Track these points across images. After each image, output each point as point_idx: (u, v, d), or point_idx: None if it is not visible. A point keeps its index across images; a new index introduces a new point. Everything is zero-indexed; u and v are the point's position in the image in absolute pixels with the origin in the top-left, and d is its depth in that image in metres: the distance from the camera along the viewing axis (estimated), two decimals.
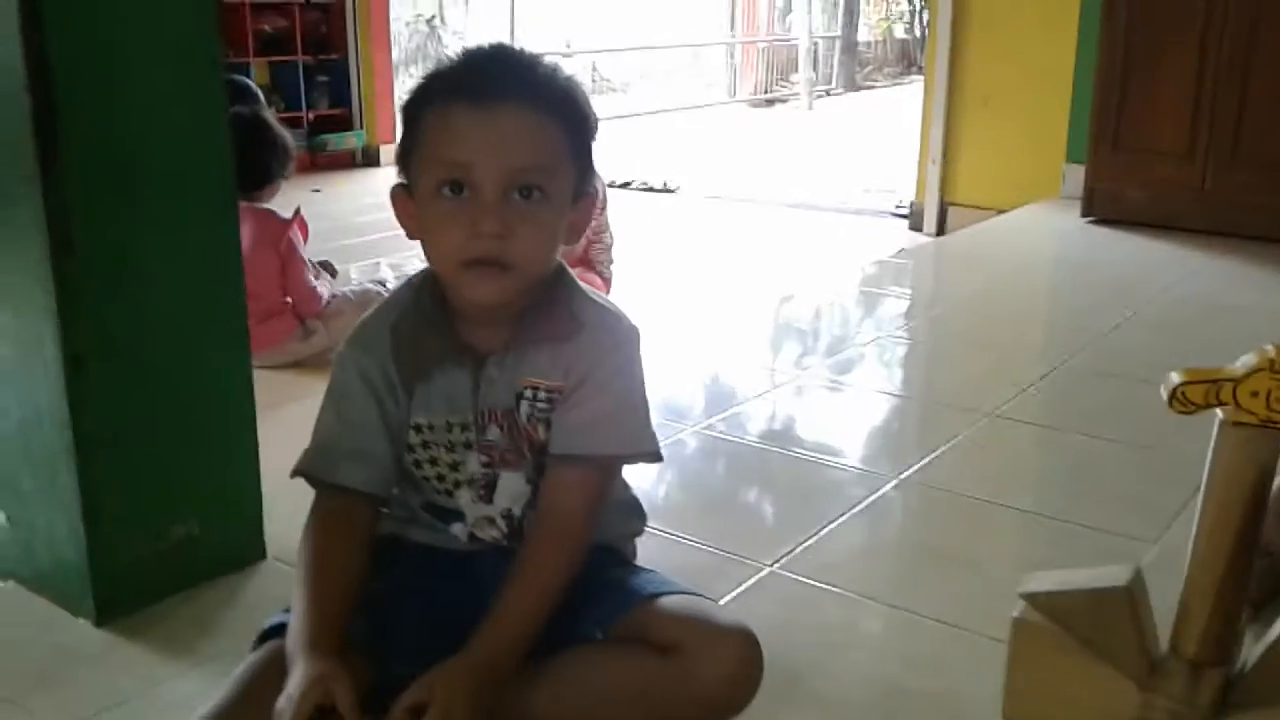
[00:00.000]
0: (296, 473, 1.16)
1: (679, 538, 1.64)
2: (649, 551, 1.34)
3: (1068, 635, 0.79)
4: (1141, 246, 3.72)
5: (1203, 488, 0.76)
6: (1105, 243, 3.80)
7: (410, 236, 1.12)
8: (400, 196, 1.12)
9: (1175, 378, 0.74)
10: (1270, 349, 0.72)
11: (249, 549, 1.52)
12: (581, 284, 1.18)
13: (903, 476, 1.88)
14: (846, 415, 2.30)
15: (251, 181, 2.95)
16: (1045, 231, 4.05)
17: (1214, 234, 3.74)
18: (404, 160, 1.11)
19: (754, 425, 2.17)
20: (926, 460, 1.95)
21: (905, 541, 1.73)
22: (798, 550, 1.61)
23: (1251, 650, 0.78)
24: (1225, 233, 3.73)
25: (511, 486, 1.16)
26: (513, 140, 1.05)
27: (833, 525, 1.69)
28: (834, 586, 1.51)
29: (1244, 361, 0.73)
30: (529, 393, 1.13)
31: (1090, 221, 4.00)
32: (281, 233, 2.95)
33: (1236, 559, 0.77)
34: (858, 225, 5.35)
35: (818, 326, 2.99)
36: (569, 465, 1.12)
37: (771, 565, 1.56)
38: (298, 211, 3.07)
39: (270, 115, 3.24)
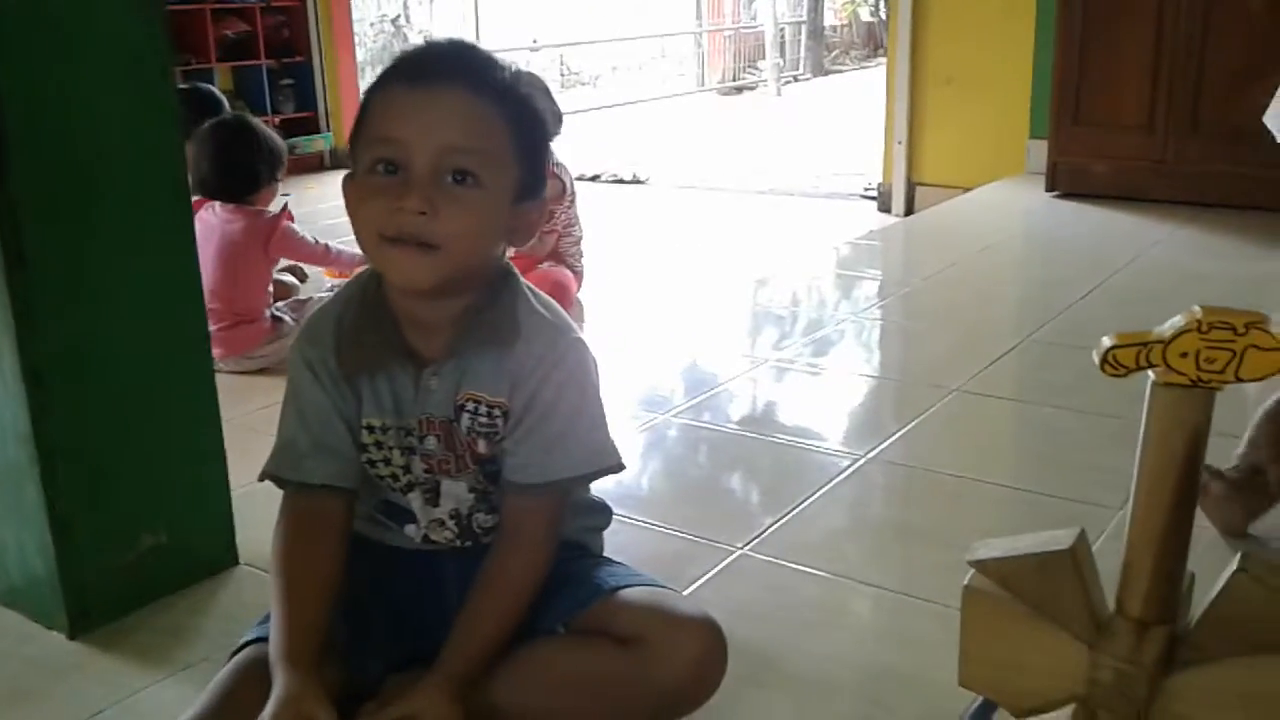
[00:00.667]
0: (264, 476, 1.16)
1: (649, 524, 1.65)
2: (620, 540, 1.35)
3: (1016, 600, 0.81)
4: (1106, 219, 3.76)
5: (1138, 449, 0.78)
6: (1070, 216, 3.84)
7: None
8: (349, 185, 1.08)
9: (1106, 341, 0.75)
10: (1197, 310, 0.74)
11: (220, 556, 1.52)
12: (532, 291, 1.14)
13: (872, 455, 1.90)
14: (816, 397, 2.31)
15: (242, 186, 2.95)
16: (1011, 207, 4.08)
17: (1177, 204, 3.79)
18: (352, 147, 1.08)
19: (724, 410, 2.19)
20: (896, 437, 1.97)
21: (875, 519, 1.75)
22: (768, 532, 1.62)
23: (1195, 608, 0.80)
24: (1187, 202, 3.78)
25: (455, 492, 1.16)
26: (448, 119, 1.02)
27: (803, 506, 1.71)
28: (805, 566, 1.52)
29: (1172, 323, 0.75)
30: (470, 405, 1.11)
31: (1055, 196, 4.04)
32: (270, 229, 2.95)
33: (1174, 518, 0.79)
34: (828, 209, 5.37)
35: (790, 310, 3.01)
36: (526, 495, 1.11)
37: (742, 548, 1.58)
38: (285, 206, 3.08)
39: (255, 120, 3.24)
